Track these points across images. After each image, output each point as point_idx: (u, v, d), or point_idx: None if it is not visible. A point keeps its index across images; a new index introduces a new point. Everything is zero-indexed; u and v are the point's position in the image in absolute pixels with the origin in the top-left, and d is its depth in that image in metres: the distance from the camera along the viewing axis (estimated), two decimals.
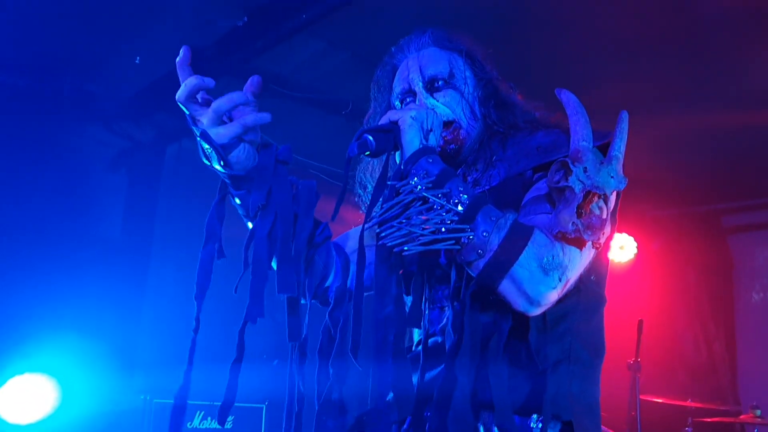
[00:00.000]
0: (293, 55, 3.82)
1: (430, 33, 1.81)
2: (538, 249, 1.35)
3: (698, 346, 6.50)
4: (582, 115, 1.47)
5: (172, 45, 3.85)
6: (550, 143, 1.60)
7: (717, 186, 6.11)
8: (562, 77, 4.15)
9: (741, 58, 3.84)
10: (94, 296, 4.40)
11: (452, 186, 1.41)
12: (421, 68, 1.74)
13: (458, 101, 1.72)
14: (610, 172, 1.39)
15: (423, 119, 1.54)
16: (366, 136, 1.48)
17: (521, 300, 1.37)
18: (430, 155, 1.47)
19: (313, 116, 4.53)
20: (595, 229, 1.33)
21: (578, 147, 1.41)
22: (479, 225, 1.37)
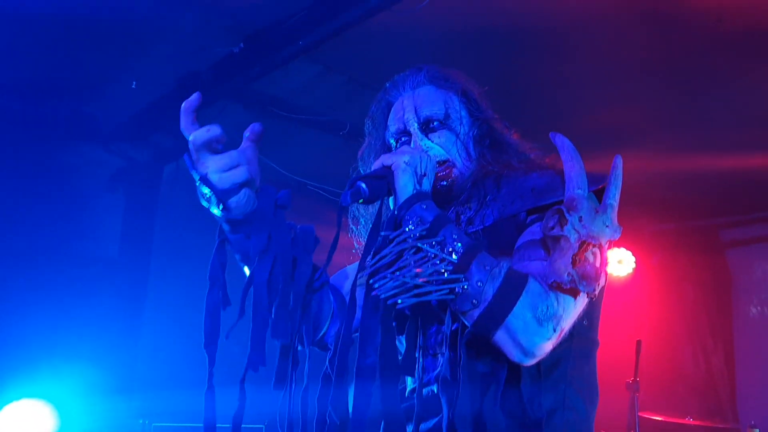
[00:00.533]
0: (291, 78, 3.84)
1: (426, 71, 1.80)
2: (532, 299, 1.35)
3: (697, 360, 6.50)
4: (577, 162, 1.47)
5: (168, 68, 3.89)
6: (544, 185, 1.58)
7: (715, 200, 6.12)
8: (563, 100, 4.19)
9: (738, 78, 3.85)
10: (92, 319, 4.39)
11: (446, 233, 1.40)
12: (416, 108, 1.72)
13: (453, 142, 1.71)
14: (605, 221, 1.40)
15: (417, 164, 1.53)
16: (359, 184, 1.45)
17: (516, 350, 1.37)
18: (423, 201, 1.46)
19: (311, 136, 4.54)
20: (590, 279, 1.33)
21: (573, 195, 1.41)
22: (473, 274, 1.36)
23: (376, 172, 1.51)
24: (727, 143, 4.73)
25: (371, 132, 1.87)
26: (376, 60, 3.82)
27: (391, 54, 3.84)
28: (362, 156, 1.88)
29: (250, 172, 1.35)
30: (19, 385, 3.87)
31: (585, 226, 1.37)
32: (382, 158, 1.55)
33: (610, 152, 4.61)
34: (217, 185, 1.34)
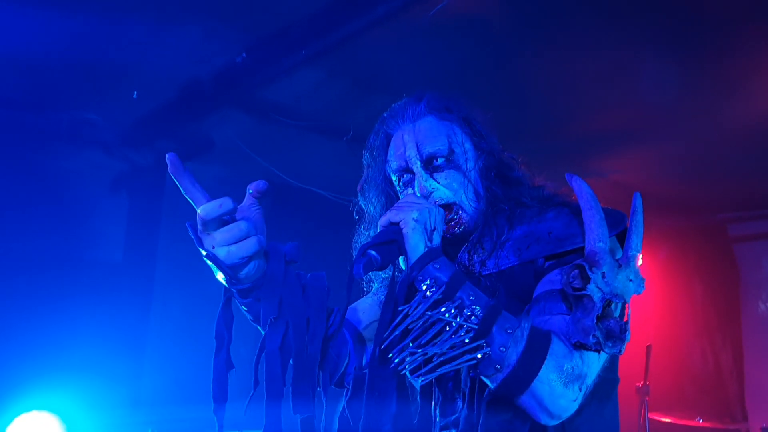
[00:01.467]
0: (293, 84, 3.79)
1: (426, 101, 1.72)
2: (557, 361, 1.30)
3: (705, 358, 6.48)
4: (597, 211, 1.42)
5: (170, 76, 3.86)
6: (562, 228, 1.53)
7: (723, 196, 6.08)
8: (571, 97, 4.16)
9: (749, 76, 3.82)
10: (98, 327, 4.37)
11: (463, 295, 1.36)
12: (418, 145, 1.65)
13: (460, 182, 1.64)
14: (629, 275, 1.35)
15: (426, 219, 1.47)
16: (370, 253, 1.40)
17: (542, 414, 1.34)
18: (436, 260, 1.41)
19: (314, 142, 4.50)
20: (616, 339, 1.29)
21: (594, 249, 1.37)
22: (495, 339, 1.31)
23: (386, 235, 1.46)
24: (735, 139, 4.69)
25: (370, 164, 1.81)
26: (379, 65, 3.79)
27: (395, 58, 3.82)
28: (362, 189, 1.82)
29: (260, 242, 1.29)
30: (26, 397, 3.85)
31: (608, 284, 1.32)
32: (389, 215, 1.49)
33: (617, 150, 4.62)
34: (225, 261, 1.28)
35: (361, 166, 1.84)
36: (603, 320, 1.29)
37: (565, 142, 4.79)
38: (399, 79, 3.93)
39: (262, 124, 4.26)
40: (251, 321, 1.46)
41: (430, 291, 1.37)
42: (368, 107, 4.29)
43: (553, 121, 4.45)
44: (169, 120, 4.21)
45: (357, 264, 1.37)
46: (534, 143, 4.77)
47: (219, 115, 4.11)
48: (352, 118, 4.32)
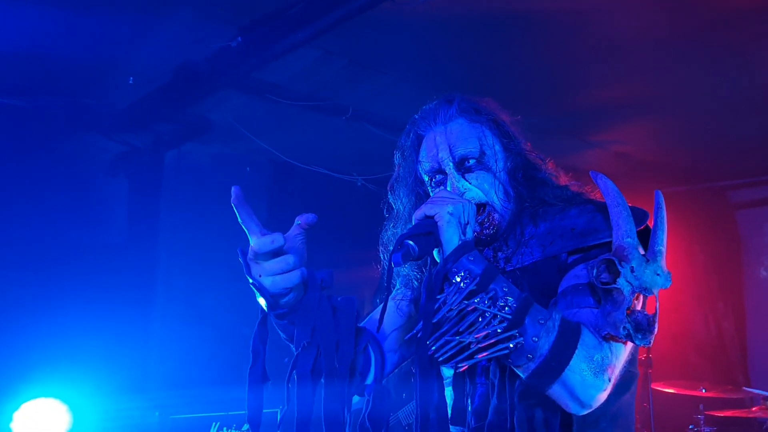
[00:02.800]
0: (290, 64, 3.75)
1: (456, 103, 1.75)
2: (587, 352, 1.35)
3: (707, 324, 6.51)
4: (623, 208, 1.45)
5: (166, 60, 3.82)
6: (585, 224, 1.58)
7: (724, 163, 6.07)
8: (577, 74, 4.13)
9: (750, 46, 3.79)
10: (102, 311, 4.39)
11: (496, 287, 1.40)
12: (450, 147, 1.69)
13: (491, 183, 1.68)
14: (656, 270, 1.38)
15: (460, 213, 1.51)
16: (408, 243, 1.44)
17: (573, 403, 1.38)
18: (470, 253, 1.45)
19: (313, 121, 4.48)
20: (645, 331, 1.32)
21: (623, 244, 1.40)
22: (528, 329, 1.36)
23: (421, 227, 1.49)
24: (737, 106, 4.67)
25: (401, 164, 1.84)
26: (377, 43, 3.76)
27: (393, 37, 3.78)
28: (392, 187, 1.86)
29: (302, 274, 1.39)
30: (33, 384, 3.87)
31: (637, 278, 1.35)
32: (424, 208, 1.52)
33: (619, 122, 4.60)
34: (270, 289, 1.37)
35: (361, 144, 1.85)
36: (631, 314, 1.33)
37: (567, 114, 4.77)
38: (396, 58, 3.90)
39: (259, 104, 4.23)
40: (284, 339, 1.54)
41: (464, 282, 1.41)
42: (366, 86, 4.29)
43: (555, 94, 4.43)
44: (166, 103, 4.18)
45: (396, 253, 1.41)
46: (537, 116, 4.75)
47: (216, 97, 4.08)
48: (350, 98, 4.30)
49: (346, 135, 4.61)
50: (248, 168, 5.56)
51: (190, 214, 5.13)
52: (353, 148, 4.96)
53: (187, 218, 5.12)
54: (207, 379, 4.74)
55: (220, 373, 4.92)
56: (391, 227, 1.86)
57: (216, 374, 4.87)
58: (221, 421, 4.29)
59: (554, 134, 5.11)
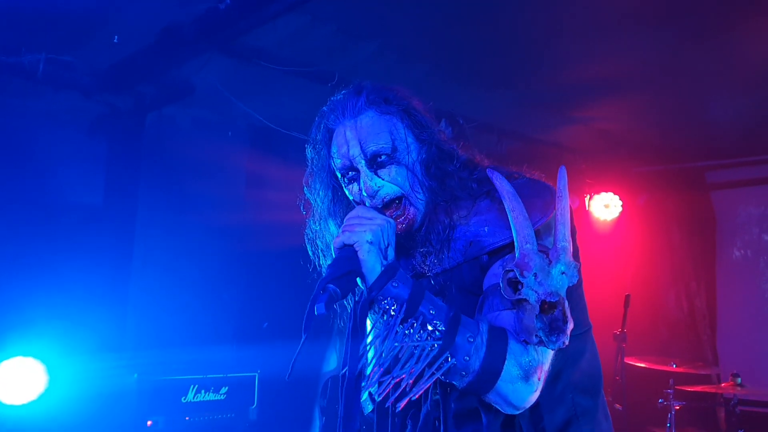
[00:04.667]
0: (277, 29, 3.72)
1: (365, 94, 1.71)
2: (516, 359, 1.40)
3: (680, 303, 6.62)
4: (519, 211, 1.46)
5: (151, 20, 3.76)
6: (495, 220, 1.60)
7: (701, 144, 6.14)
8: (555, 52, 4.14)
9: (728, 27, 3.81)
10: (80, 271, 4.36)
11: (424, 310, 1.44)
12: (361, 143, 1.65)
13: (404, 176, 1.67)
14: (561, 269, 1.40)
15: (380, 238, 1.53)
16: (330, 288, 1.41)
17: (507, 407, 1.45)
18: (393, 278, 1.47)
19: (298, 87, 4.44)
20: (558, 333, 1.34)
21: (523, 251, 1.42)
22: (458, 350, 1.41)
23: (342, 266, 1.48)
24: (715, 88, 4.72)
25: (313, 158, 1.81)
26: (365, 10, 3.73)
27: (381, 4, 3.75)
28: (307, 182, 1.83)
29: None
30: (9, 344, 3.85)
31: (541, 284, 1.37)
32: (342, 237, 1.53)
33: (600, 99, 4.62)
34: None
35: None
36: (546, 314, 1.36)
37: (549, 90, 4.78)
38: (384, 26, 3.88)
39: (244, 68, 4.19)
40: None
41: (393, 310, 1.45)
42: (353, 53, 4.26)
43: (537, 69, 4.44)
44: (149, 64, 4.12)
45: (319, 302, 1.38)
46: (518, 91, 4.77)
47: (201, 60, 4.03)
48: (336, 64, 4.27)
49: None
50: (230, 132, 5.52)
51: (170, 176, 5.10)
52: None
53: (167, 180, 5.08)
54: (186, 342, 4.75)
55: (198, 336, 4.93)
56: (313, 225, 1.85)
57: (195, 337, 4.88)
58: (199, 384, 4.32)
59: (537, 108, 5.13)
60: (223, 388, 4.43)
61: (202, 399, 4.31)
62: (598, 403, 1.64)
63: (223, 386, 4.44)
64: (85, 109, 4.78)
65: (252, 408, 4.52)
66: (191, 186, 5.14)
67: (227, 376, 4.48)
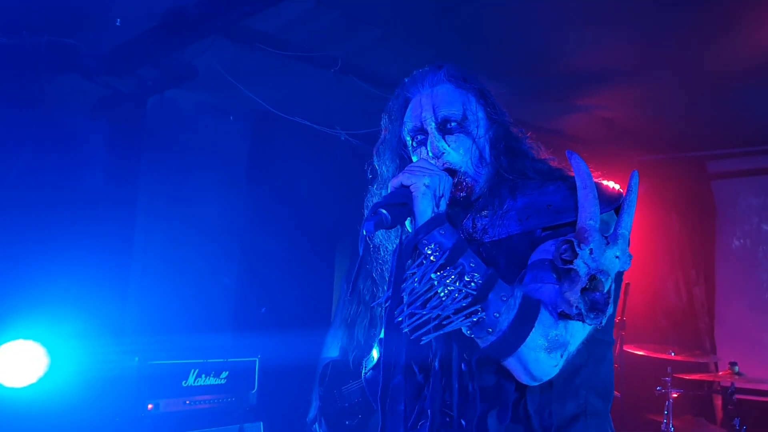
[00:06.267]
0: (281, 13, 3.70)
1: (445, 69, 1.79)
2: (544, 330, 1.42)
3: (679, 291, 6.64)
4: (591, 190, 1.48)
5: (154, 3, 3.74)
6: (561, 201, 1.61)
7: (703, 133, 6.13)
8: (558, 40, 4.13)
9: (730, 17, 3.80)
10: (80, 255, 4.36)
11: (465, 262, 1.46)
12: (434, 108, 1.73)
13: (468, 147, 1.72)
14: (616, 252, 1.42)
15: (436, 186, 1.57)
16: (381, 212, 1.49)
17: (524, 376, 1.46)
18: (441, 226, 1.51)
19: (301, 72, 4.43)
20: (598, 310, 1.37)
21: (585, 226, 1.44)
22: (491, 305, 1.43)
23: (396, 196, 1.55)
24: (718, 78, 4.71)
25: (387, 126, 1.89)
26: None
27: None
28: (377, 151, 1.90)
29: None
30: (10, 327, 3.85)
31: (595, 260, 1.39)
32: (401, 177, 1.58)
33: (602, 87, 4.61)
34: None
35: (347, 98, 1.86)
36: (589, 292, 1.37)
37: (551, 78, 4.77)
38: (388, 12, 3.86)
39: (247, 53, 4.16)
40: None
41: (434, 256, 1.48)
42: (356, 39, 4.24)
43: (539, 57, 4.42)
44: (152, 47, 4.10)
45: (368, 221, 1.47)
46: (521, 79, 4.75)
47: (203, 43, 4.01)
48: (340, 50, 4.25)
49: (333, 88, 4.56)
50: (231, 117, 5.51)
51: (171, 161, 5.09)
52: (339, 102, 4.92)
53: (169, 164, 5.07)
54: (187, 326, 4.76)
55: (199, 321, 4.94)
56: (375, 190, 1.90)
57: (195, 321, 4.89)
58: (200, 368, 4.33)
59: (539, 96, 5.12)
60: (224, 373, 4.45)
61: (202, 383, 4.32)
62: (606, 408, 1.66)
63: (224, 371, 4.46)
64: (87, 92, 4.76)
65: (252, 392, 4.54)
66: (192, 170, 5.13)
67: (228, 361, 4.49)
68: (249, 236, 5.43)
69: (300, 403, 5.01)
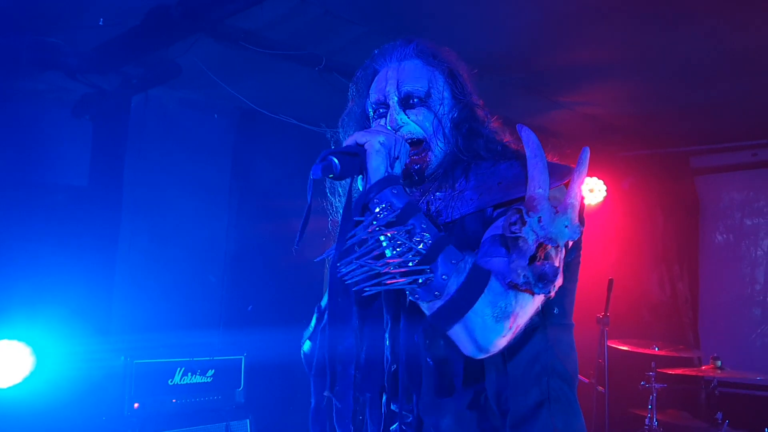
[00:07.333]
0: (265, 11, 3.70)
1: (415, 44, 1.77)
2: (493, 297, 1.37)
3: (663, 286, 6.68)
4: (540, 159, 1.46)
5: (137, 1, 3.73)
6: (511, 178, 1.60)
7: (687, 128, 6.17)
8: (541, 37, 4.15)
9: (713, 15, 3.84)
10: (65, 254, 4.34)
11: (415, 222, 1.43)
12: (398, 82, 1.71)
13: (430, 121, 1.70)
14: (565, 222, 1.39)
15: (391, 146, 1.54)
16: (331, 158, 1.45)
17: (470, 345, 1.41)
18: (394, 185, 1.48)
19: (286, 70, 4.43)
20: (546, 281, 1.34)
21: (534, 194, 1.41)
22: (439, 267, 1.39)
23: (349, 149, 1.51)
24: (700, 74, 4.75)
25: (353, 98, 1.86)
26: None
27: None
28: (342, 122, 1.87)
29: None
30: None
31: (544, 228, 1.37)
32: (356, 135, 1.55)
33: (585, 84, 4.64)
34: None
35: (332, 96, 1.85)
36: (538, 263, 1.35)
37: (534, 75, 4.79)
38: (372, 10, 3.87)
39: (231, 51, 4.16)
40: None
41: (383, 213, 1.44)
42: (341, 37, 4.25)
43: (523, 54, 4.44)
44: (135, 46, 4.09)
45: (316, 166, 1.44)
46: (504, 75, 4.77)
47: (187, 42, 4.00)
48: (324, 48, 4.26)
49: (317, 86, 4.57)
50: (216, 115, 5.50)
51: (155, 159, 5.08)
52: (323, 100, 4.91)
53: (153, 162, 5.06)
54: (172, 325, 4.75)
55: (185, 319, 4.93)
56: None
57: (181, 320, 4.88)
58: (186, 367, 4.33)
59: (522, 93, 5.14)
60: (210, 371, 4.45)
61: (188, 381, 4.32)
62: (573, 395, 1.65)
63: (210, 369, 4.46)
64: (71, 90, 4.74)
65: (238, 390, 4.54)
66: (177, 168, 5.12)
67: (214, 359, 4.49)
68: (234, 233, 5.43)
69: (287, 401, 5.01)
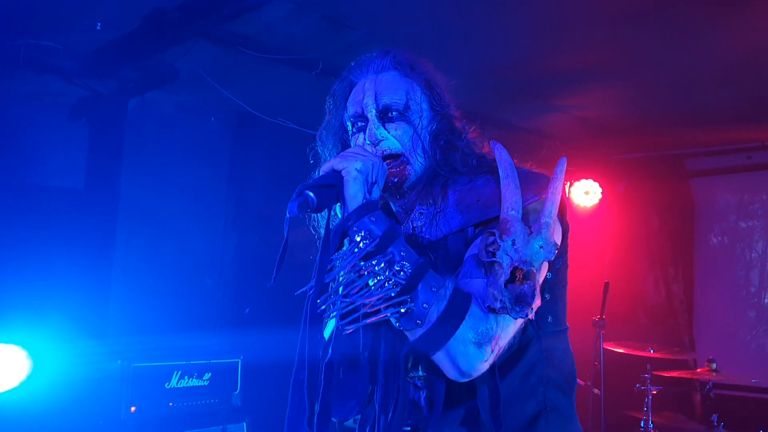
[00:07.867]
0: (262, 16, 3.71)
1: (392, 55, 1.74)
2: (474, 323, 1.37)
3: (658, 288, 6.71)
4: (512, 180, 1.46)
5: (134, 5, 3.74)
6: (489, 195, 1.58)
7: (682, 131, 6.19)
8: (537, 41, 4.16)
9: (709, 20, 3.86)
10: (62, 257, 4.35)
11: (395, 250, 1.42)
12: (376, 95, 1.68)
13: (410, 136, 1.68)
14: (540, 242, 1.38)
15: (368, 171, 1.52)
16: (307, 194, 1.42)
17: (453, 371, 1.41)
18: (372, 213, 1.46)
19: (282, 74, 4.44)
20: (523, 304, 1.32)
21: (507, 216, 1.40)
22: (420, 295, 1.39)
23: (326, 179, 1.48)
24: (695, 78, 4.77)
25: (331, 110, 1.83)
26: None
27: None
28: (320, 135, 1.84)
29: None
30: None
31: (518, 251, 1.36)
32: (332, 162, 1.52)
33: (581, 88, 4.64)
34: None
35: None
36: (515, 284, 1.33)
37: (530, 78, 4.81)
38: (369, 14, 3.88)
39: (228, 55, 4.17)
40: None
41: (363, 243, 1.43)
42: (337, 41, 4.26)
43: (519, 57, 4.46)
44: (132, 49, 4.09)
45: (292, 203, 1.41)
46: (500, 79, 4.78)
47: (184, 46, 4.01)
48: (321, 52, 4.27)
49: (314, 90, 4.57)
50: (212, 118, 5.51)
51: (152, 162, 5.08)
52: (320, 104, 4.93)
53: (150, 166, 5.07)
54: (169, 328, 4.76)
55: (181, 322, 4.94)
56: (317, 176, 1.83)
57: (178, 323, 4.89)
58: (182, 370, 4.33)
59: (518, 96, 5.16)
60: (207, 374, 4.45)
61: (185, 385, 4.32)
62: (570, 402, 1.64)
63: (207, 372, 4.46)
64: (67, 93, 4.74)
65: (235, 393, 4.55)
66: (174, 171, 5.13)
67: (210, 362, 4.49)
68: (231, 237, 5.44)
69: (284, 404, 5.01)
